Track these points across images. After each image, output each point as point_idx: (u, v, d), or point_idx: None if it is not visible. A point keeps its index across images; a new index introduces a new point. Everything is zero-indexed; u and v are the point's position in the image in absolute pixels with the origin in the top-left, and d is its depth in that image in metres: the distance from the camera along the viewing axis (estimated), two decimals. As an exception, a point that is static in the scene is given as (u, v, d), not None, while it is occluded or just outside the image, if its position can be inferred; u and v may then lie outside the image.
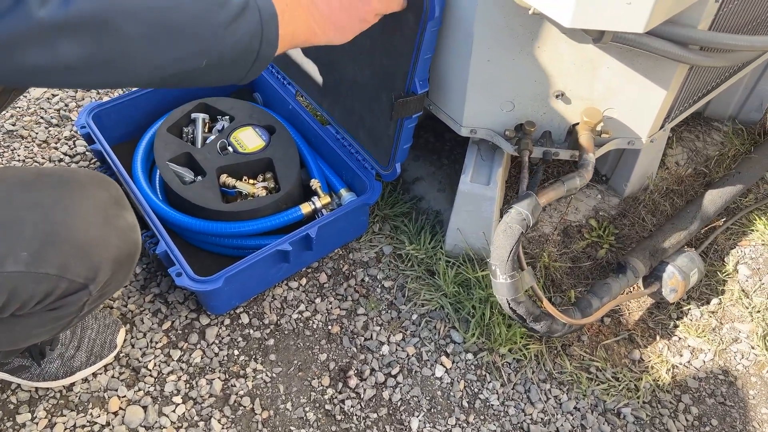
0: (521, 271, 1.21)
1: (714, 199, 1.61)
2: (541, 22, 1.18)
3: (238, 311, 1.49)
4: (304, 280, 1.56)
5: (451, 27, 1.27)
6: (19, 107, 1.91)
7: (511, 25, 1.20)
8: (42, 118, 1.89)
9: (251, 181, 1.57)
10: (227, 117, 1.68)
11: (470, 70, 1.29)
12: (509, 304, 1.21)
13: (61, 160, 1.78)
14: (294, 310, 1.50)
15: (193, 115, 1.67)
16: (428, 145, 1.88)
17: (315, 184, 1.57)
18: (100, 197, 0.91)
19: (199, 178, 1.56)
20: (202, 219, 1.47)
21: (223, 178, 1.54)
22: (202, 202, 1.47)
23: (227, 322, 1.47)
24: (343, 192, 1.59)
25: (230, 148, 1.59)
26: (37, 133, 1.84)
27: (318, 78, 1.61)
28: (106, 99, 1.93)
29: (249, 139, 1.61)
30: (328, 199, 1.54)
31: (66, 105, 1.93)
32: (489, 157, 1.52)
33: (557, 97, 1.31)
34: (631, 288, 1.56)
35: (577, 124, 1.36)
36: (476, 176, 1.47)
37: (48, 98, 1.94)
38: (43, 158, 1.78)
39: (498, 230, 1.18)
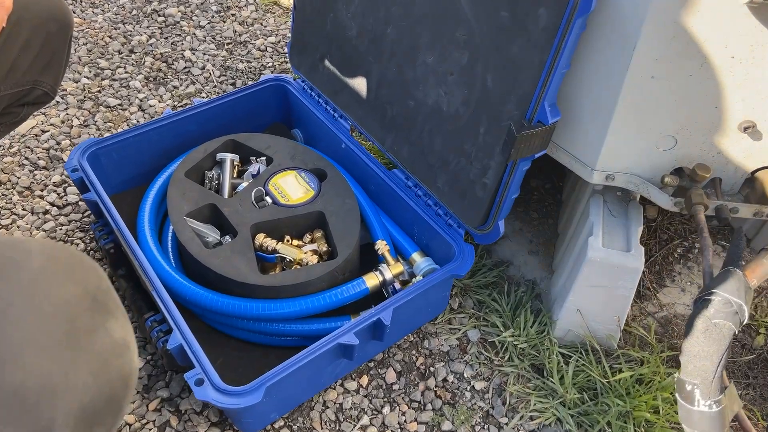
0: (724, 388, 0.79)
1: None
2: (746, 21, 0.80)
3: (277, 425, 1.06)
4: (365, 380, 1.14)
5: (599, 29, 0.90)
6: (0, 146, 1.53)
7: (698, 25, 0.82)
8: (27, 159, 1.51)
9: (297, 242, 1.17)
10: (263, 158, 1.30)
11: (622, 91, 0.91)
12: (712, 443, 0.78)
13: (46, 212, 1.39)
14: (354, 425, 1.08)
15: (218, 156, 1.28)
16: (510, 195, 1.49)
17: (382, 246, 1.16)
18: (64, 296, 0.50)
19: (227, 238, 1.16)
20: (230, 296, 1.07)
21: (260, 238, 1.14)
22: (231, 272, 1.07)
23: (262, 443, 1.04)
24: (417, 257, 1.19)
25: (268, 199, 1.20)
26: (19, 178, 1.46)
27: (381, 108, 1.23)
28: (107, 135, 1.56)
29: (292, 187, 1.22)
30: (400, 268, 1.13)
31: (58, 143, 1.55)
32: (621, 212, 1.13)
33: (745, 129, 0.92)
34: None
35: (761, 169, 0.97)
36: (609, 239, 1.07)
37: (36, 135, 1.57)
38: (24, 209, 1.39)
39: (696, 330, 0.77)
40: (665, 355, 1.15)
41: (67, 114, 1.63)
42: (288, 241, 1.16)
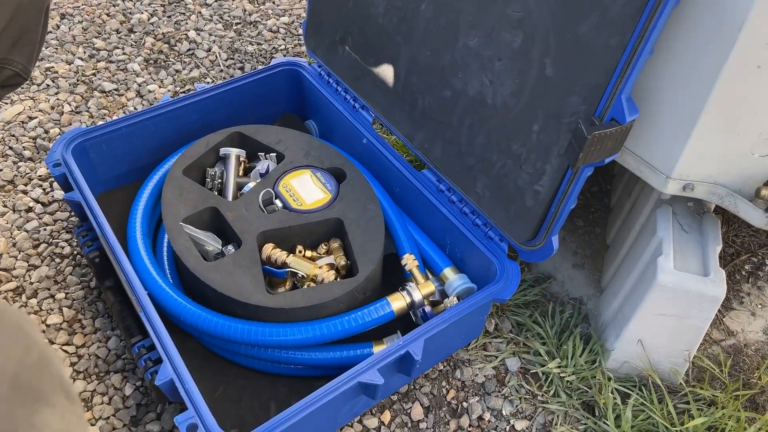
0: None
1: None
2: None
3: (284, 470, 0.91)
4: (387, 416, 0.98)
5: (692, 6, 0.72)
6: (-18, 133, 1.38)
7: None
8: (11, 148, 1.35)
9: (310, 253, 1.01)
10: (273, 155, 1.13)
11: (717, 84, 0.73)
12: None
13: (30, 210, 1.24)
14: (375, 471, 0.92)
15: (222, 151, 1.12)
16: (550, 199, 1.31)
17: (410, 262, 1.00)
18: None
19: (230, 248, 1.00)
20: (232, 317, 0.91)
21: (268, 249, 0.98)
22: (234, 290, 0.91)
23: (267, 492, 0.89)
24: (449, 274, 1.02)
25: (278, 202, 1.03)
26: (1, 170, 1.30)
27: (410, 98, 1.06)
28: (101, 123, 1.40)
29: (306, 189, 1.05)
30: (431, 288, 0.97)
31: (46, 131, 1.40)
32: (694, 227, 0.95)
33: None
34: None
35: None
36: (682, 260, 0.90)
37: (22, 122, 1.41)
38: (5, 206, 1.24)
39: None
40: (742, 396, 0.98)
41: (58, 99, 1.47)
42: (300, 252, 1.00)
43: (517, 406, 1.00)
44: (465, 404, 1.00)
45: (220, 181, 1.10)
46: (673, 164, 0.83)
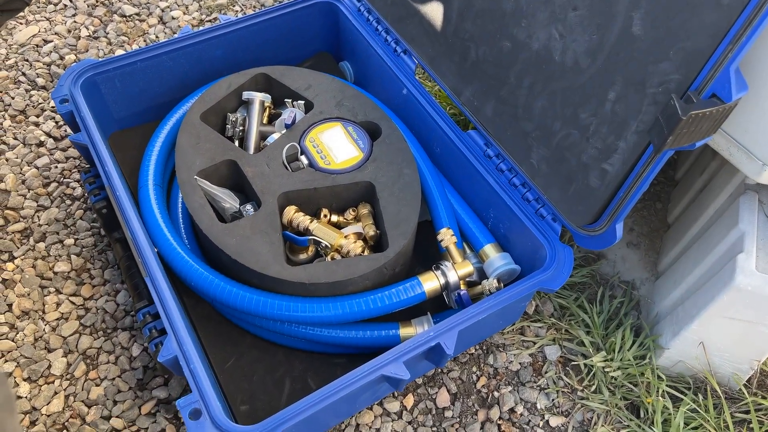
0: None
1: None
2: None
3: (296, 452, 0.84)
4: (410, 400, 0.90)
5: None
6: (-5, 56, 1.28)
7: None
8: (24, 74, 1.26)
9: (336, 217, 0.91)
10: (301, 102, 1.01)
11: None
12: None
13: (41, 144, 1.16)
14: (394, 461, 0.85)
15: (245, 95, 1.00)
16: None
17: (447, 237, 0.89)
18: None
19: (249, 208, 0.90)
20: (248, 287, 0.82)
21: (290, 212, 0.88)
22: (249, 258, 0.82)
23: (277, 474, 0.83)
24: (490, 251, 0.91)
25: (304, 159, 0.92)
26: (13, 98, 1.22)
27: (461, 46, 0.92)
28: (120, 53, 1.28)
29: (337, 146, 0.94)
30: (469, 268, 0.86)
31: (61, 57, 1.29)
32: (784, 221, 0.82)
33: None
34: None
35: None
36: (766, 260, 0.77)
37: (37, 45, 1.31)
38: (16, 138, 1.16)
39: None
40: (810, 412, 0.87)
41: (75, 22, 1.36)
42: (325, 216, 0.90)
43: (553, 400, 0.91)
44: (496, 394, 0.91)
45: (241, 128, 0.98)
46: (776, 150, 0.69)
